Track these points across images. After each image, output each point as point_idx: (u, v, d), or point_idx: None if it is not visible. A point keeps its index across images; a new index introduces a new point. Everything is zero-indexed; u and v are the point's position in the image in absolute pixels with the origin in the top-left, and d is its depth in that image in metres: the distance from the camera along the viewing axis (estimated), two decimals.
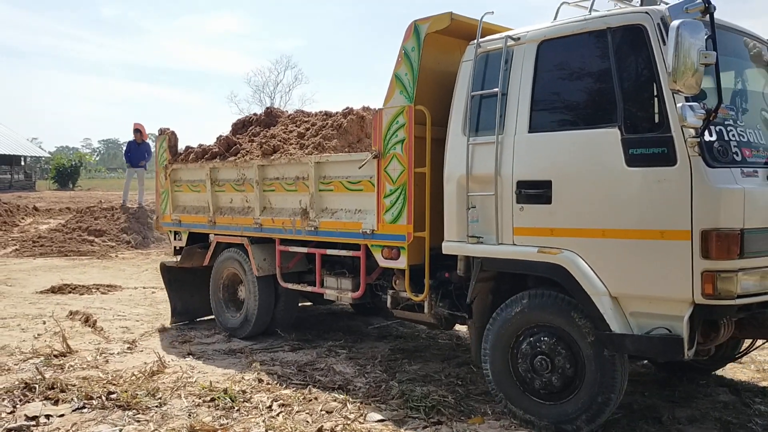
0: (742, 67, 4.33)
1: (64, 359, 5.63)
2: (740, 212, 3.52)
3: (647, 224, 3.69)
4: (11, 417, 4.26)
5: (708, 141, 3.56)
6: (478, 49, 4.54)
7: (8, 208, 18.18)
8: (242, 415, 4.34)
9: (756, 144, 3.82)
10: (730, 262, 3.49)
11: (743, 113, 4.04)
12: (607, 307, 3.79)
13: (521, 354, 4.21)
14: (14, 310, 7.89)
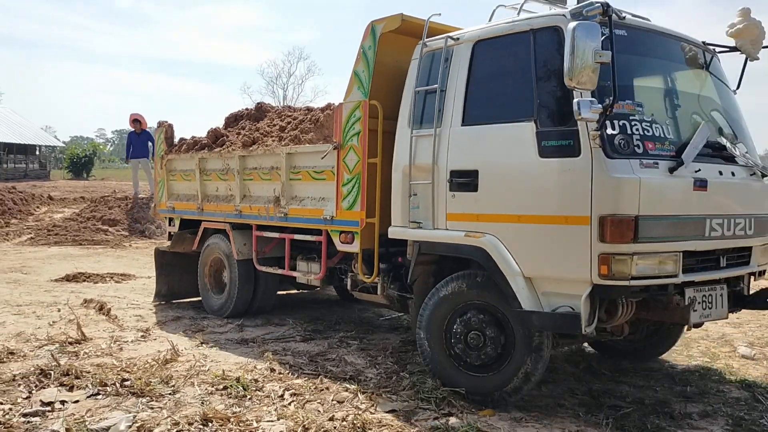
0: (668, 68, 4.66)
1: (78, 346, 5.69)
2: (635, 200, 3.80)
3: (555, 211, 4.02)
4: (27, 402, 4.31)
5: (610, 134, 3.85)
6: (424, 48, 4.90)
7: (23, 197, 18.35)
8: (254, 403, 4.38)
9: (662, 138, 4.08)
10: (624, 246, 3.79)
11: (659, 110, 4.32)
12: (520, 287, 4.14)
13: (455, 331, 4.53)
14: (30, 298, 7.98)
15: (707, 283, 4.30)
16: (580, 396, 4.68)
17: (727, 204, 4.31)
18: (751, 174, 4.53)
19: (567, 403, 4.53)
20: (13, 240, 14.07)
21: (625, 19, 4.26)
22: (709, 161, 4.24)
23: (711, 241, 4.19)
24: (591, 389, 4.81)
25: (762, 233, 4.61)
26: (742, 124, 4.90)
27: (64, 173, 44.10)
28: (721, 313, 4.38)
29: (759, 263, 4.68)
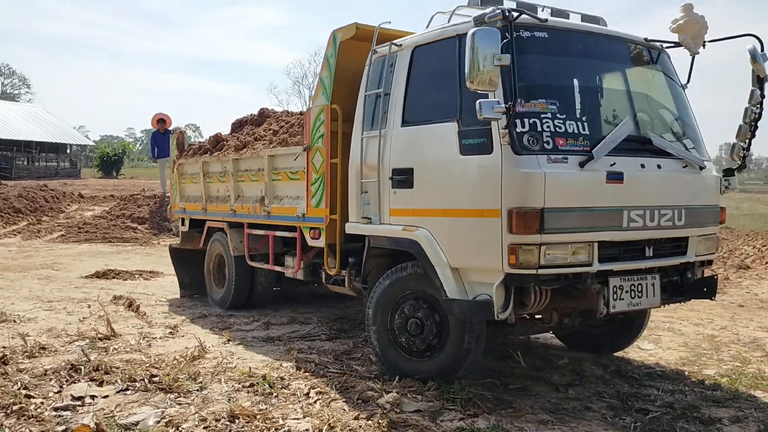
0: (594, 66, 4.91)
1: (108, 342, 5.78)
2: (540, 193, 4.01)
3: (473, 205, 4.29)
4: (58, 397, 4.39)
5: (519, 132, 4.07)
6: (374, 55, 5.19)
7: (55, 194, 18.69)
8: (280, 401, 4.40)
9: (576, 134, 4.25)
10: (531, 236, 4.02)
11: (576, 107, 4.51)
12: (446, 277, 4.42)
13: (398, 319, 4.86)
14: (60, 294, 8.13)
15: (637, 273, 4.47)
16: (608, 399, 4.62)
17: (649, 196, 4.44)
18: (684, 166, 4.66)
19: (594, 406, 4.48)
20: (44, 237, 14.33)
21: (547, 21, 4.47)
22: (633, 155, 4.41)
23: (631, 232, 4.36)
24: (619, 392, 4.75)
25: (700, 224, 4.77)
26: (688, 118, 5.08)
27: (94, 171, 44.77)
28: (652, 302, 4.57)
29: (698, 253, 4.82)
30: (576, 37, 4.76)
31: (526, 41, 4.29)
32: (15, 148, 41.21)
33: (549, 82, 4.59)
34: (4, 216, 16.00)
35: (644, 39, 5.08)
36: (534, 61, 4.44)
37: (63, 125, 49.11)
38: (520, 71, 4.12)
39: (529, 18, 4.32)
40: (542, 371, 5.16)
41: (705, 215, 4.84)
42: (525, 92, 4.15)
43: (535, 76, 4.44)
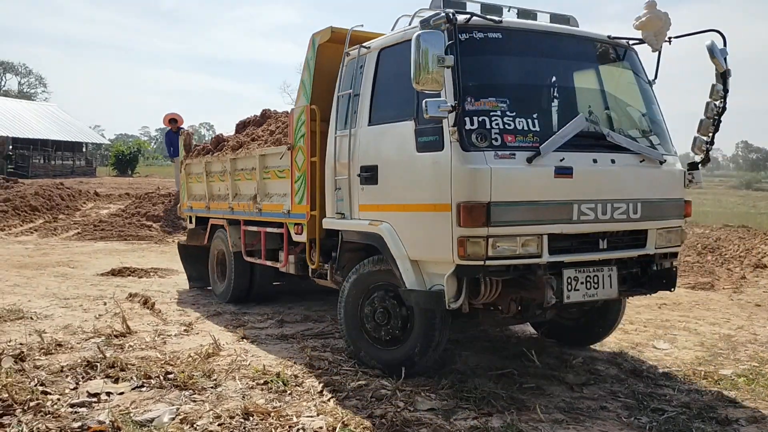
0: (551, 65, 5.05)
1: (123, 339, 5.82)
2: (487, 188, 4.17)
3: (428, 200, 4.48)
4: (74, 393, 4.42)
5: (468, 129, 4.24)
6: (346, 57, 5.41)
7: (71, 193, 18.84)
8: (294, 398, 4.41)
9: (525, 131, 4.40)
10: (478, 229, 4.19)
11: (528, 105, 4.62)
12: (406, 268, 4.62)
13: (367, 309, 5.06)
14: (77, 291, 8.19)
15: (593, 264, 4.62)
16: (623, 399, 4.60)
17: (601, 190, 4.56)
18: (641, 161, 4.76)
19: (610, 405, 4.45)
20: (60, 235, 14.46)
21: (502, 23, 4.62)
22: (586, 150, 4.55)
23: (582, 225, 4.50)
24: (634, 392, 4.72)
25: (659, 217, 4.89)
26: (653, 113, 5.20)
27: (110, 170, 45.12)
28: (609, 293, 4.68)
29: (659, 245, 4.91)
30: (530, 36, 4.90)
31: (477, 42, 4.48)
32: (31, 146, 41.60)
33: (500, 81, 4.76)
34: (21, 214, 16.16)
35: (608, 37, 5.19)
36: (485, 60, 4.64)
37: (79, 124, 49.51)
38: (471, 71, 4.37)
39: (480, 19, 4.51)
40: (557, 370, 5.13)
41: (665, 208, 4.94)
42: (475, 91, 4.35)
43: (485, 75, 4.65)
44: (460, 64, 4.21)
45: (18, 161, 39.76)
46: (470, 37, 4.47)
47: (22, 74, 76.26)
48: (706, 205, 25.24)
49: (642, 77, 5.26)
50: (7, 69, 75.12)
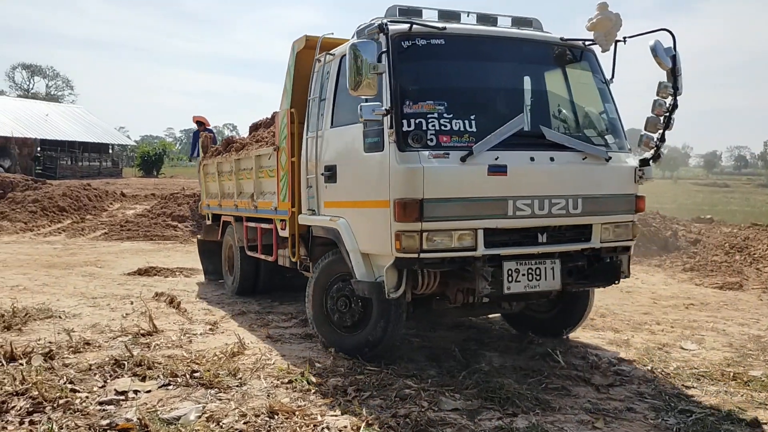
0: (493, 68, 5.27)
1: (150, 338, 5.88)
2: (420, 186, 4.44)
3: (373, 197, 4.78)
4: (102, 391, 4.48)
5: (405, 131, 4.54)
6: (317, 63, 5.74)
7: (98, 193, 19.11)
8: (318, 397, 4.42)
9: (462, 132, 4.66)
10: (412, 224, 4.48)
11: (467, 107, 4.83)
12: (357, 261, 4.95)
13: (330, 297, 5.43)
14: (104, 290, 8.31)
15: (535, 257, 4.83)
16: (650, 400, 4.54)
17: (538, 186, 4.77)
18: (584, 158, 4.93)
19: (636, 407, 4.40)
20: (88, 235, 14.67)
21: (445, 29, 4.89)
22: (524, 149, 4.76)
23: (518, 220, 4.73)
24: (662, 393, 4.66)
25: (605, 212, 5.05)
26: (606, 112, 5.38)
27: (136, 171, 45.66)
28: (551, 285, 4.89)
29: (605, 240, 5.09)
30: (472, 41, 5.11)
31: (419, 48, 4.79)
32: (59, 148, 42.26)
33: (439, 84, 5.02)
34: (50, 214, 16.42)
35: (560, 39, 5.38)
36: (425, 65, 4.95)
37: (105, 126, 50.19)
38: (411, 76, 4.74)
39: (421, 27, 4.81)
40: (582, 371, 5.08)
41: (612, 204, 5.09)
42: (414, 95, 4.67)
43: (425, 79, 4.95)
44: (400, 69, 4.64)
45: (46, 163, 40.42)
46: (412, 44, 4.78)
47: (49, 77, 77.61)
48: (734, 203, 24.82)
49: (598, 77, 5.42)
50: (35, 72, 76.50)
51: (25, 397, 4.25)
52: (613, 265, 5.24)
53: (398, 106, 4.57)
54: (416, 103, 4.65)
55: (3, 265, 10.25)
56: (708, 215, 16.35)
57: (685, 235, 12.71)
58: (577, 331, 6.39)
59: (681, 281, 9.96)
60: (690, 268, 10.67)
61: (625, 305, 7.93)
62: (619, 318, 7.19)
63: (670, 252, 11.96)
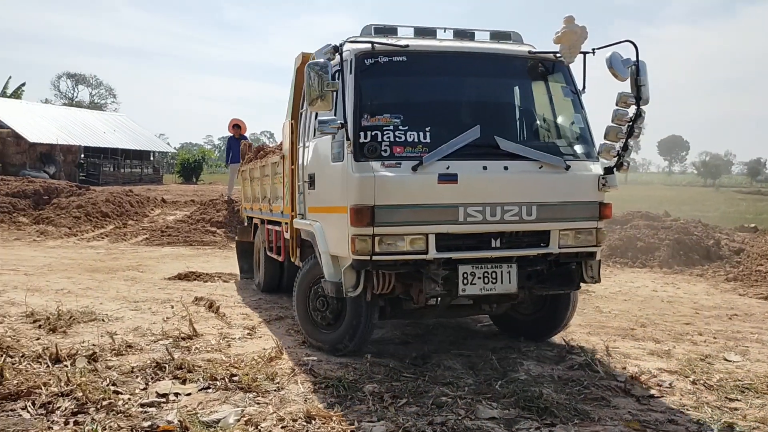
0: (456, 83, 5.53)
1: (190, 342, 5.97)
2: (371, 193, 4.77)
3: (337, 203, 5.12)
4: (144, 393, 4.58)
5: (361, 143, 4.88)
6: None
7: (139, 199, 19.49)
8: (355, 403, 4.44)
9: (415, 143, 4.96)
10: (365, 228, 4.80)
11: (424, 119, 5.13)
12: (326, 262, 5.27)
13: (311, 297, 5.78)
14: (145, 295, 8.46)
15: (492, 261, 5.08)
16: (692, 412, 4.44)
17: (489, 194, 5.00)
18: (540, 167, 5.11)
19: (678, 419, 4.31)
20: (130, 240, 14.97)
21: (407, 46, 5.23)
22: (478, 158, 5.00)
23: (469, 226, 4.98)
24: (705, 405, 4.56)
25: (562, 219, 5.22)
26: (575, 121, 5.56)
27: (176, 177, 46.39)
28: (507, 288, 5.13)
29: (564, 245, 5.25)
30: (435, 57, 5.43)
31: (380, 65, 5.15)
32: (102, 155, 43.24)
33: (397, 99, 5.34)
34: (93, 220, 16.80)
35: (528, 52, 5.58)
36: (385, 81, 5.28)
37: (146, 133, 51.18)
38: (370, 91, 5.10)
39: (383, 46, 5.16)
40: (622, 381, 5.00)
41: (571, 211, 5.25)
42: (372, 109, 5.01)
43: (384, 95, 5.29)
44: (361, 85, 5.03)
45: (89, 169, 41.39)
46: (375, 61, 5.13)
47: (93, 86, 79.44)
48: None
49: (568, 88, 5.57)
50: (79, 81, 78.41)
51: (70, 398, 4.36)
52: (576, 271, 5.44)
53: (356, 119, 4.93)
54: (373, 116, 4.98)
55: (48, 269, 10.53)
56: (752, 224, 15.97)
57: (728, 244, 12.42)
58: (617, 342, 6.31)
59: (724, 291, 9.73)
60: (733, 278, 10.42)
61: (666, 315, 7.78)
62: (659, 328, 7.06)
63: (712, 261, 11.70)
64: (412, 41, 5.40)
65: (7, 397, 4.36)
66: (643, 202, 20.99)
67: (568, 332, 6.62)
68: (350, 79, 5.11)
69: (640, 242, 12.25)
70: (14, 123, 37.19)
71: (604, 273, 10.85)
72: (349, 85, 5.09)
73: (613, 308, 8.15)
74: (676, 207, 24.50)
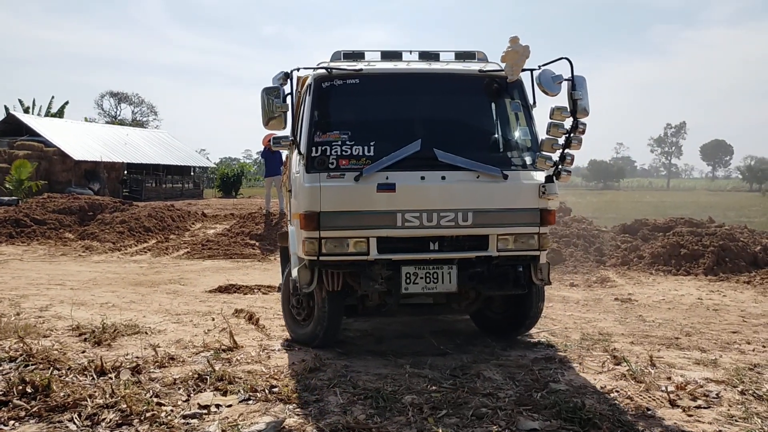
0: (402, 101, 6.06)
1: (231, 353, 6.04)
2: (317, 201, 5.38)
3: (297, 210, 5.71)
4: (186, 405, 4.64)
5: (312, 156, 5.52)
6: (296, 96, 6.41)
7: (180, 214, 19.81)
8: (394, 414, 4.43)
9: (360, 156, 5.53)
10: (312, 232, 5.43)
11: (369, 135, 5.65)
12: (294, 262, 5.95)
13: (292, 294, 6.32)
14: (187, 307, 8.59)
15: (433, 263, 5.56)
16: (742, 423, 4.31)
17: (426, 201, 5.45)
18: (477, 177, 5.51)
19: (727, 430, 4.20)
20: (171, 254, 15.21)
21: (361, 70, 5.81)
22: (417, 169, 5.45)
23: (407, 230, 5.46)
24: (754, 415, 4.42)
25: (500, 224, 5.61)
26: (521, 134, 5.95)
27: (215, 192, 47.04)
28: (448, 287, 5.60)
29: (501, 249, 5.64)
30: (384, 78, 5.96)
31: (336, 87, 5.78)
32: (144, 171, 44.17)
33: (346, 117, 5.87)
34: (136, 234, 17.14)
35: (479, 70, 5.99)
36: (338, 101, 5.85)
37: (187, 149, 52.06)
38: (324, 110, 5.74)
39: (338, 70, 5.79)
40: (667, 392, 4.89)
41: (510, 217, 5.62)
42: (324, 126, 5.64)
43: (335, 113, 5.83)
44: (317, 105, 5.68)
45: (132, 185, 42.29)
46: (330, 84, 5.77)
47: (135, 103, 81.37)
48: None
49: (518, 102, 5.95)
50: (121, 99, 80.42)
51: (115, 409, 4.44)
52: (524, 273, 5.79)
53: (310, 135, 5.56)
54: (324, 133, 5.60)
55: (93, 284, 10.77)
56: None
57: None
58: (662, 351, 6.18)
59: None
60: None
61: (712, 324, 7.59)
62: (705, 337, 6.88)
63: (759, 268, 11.37)
64: (368, 65, 5.98)
65: (54, 409, 4.47)
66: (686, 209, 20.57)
67: (610, 341, 6.50)
68: (308, 99, 5.78)
69: (684, 249, 11.97)
70: (60, 142, 38.24)
71: (646, 281, 10.69)
72: (308, 106, 5.75)
73: (657, 317, 7.98)
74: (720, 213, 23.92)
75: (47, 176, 35.26)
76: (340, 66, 5.91)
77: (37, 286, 10.30)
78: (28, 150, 35.88)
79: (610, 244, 13.12)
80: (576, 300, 9.13)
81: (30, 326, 7.03)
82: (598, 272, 11.46)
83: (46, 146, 37.30)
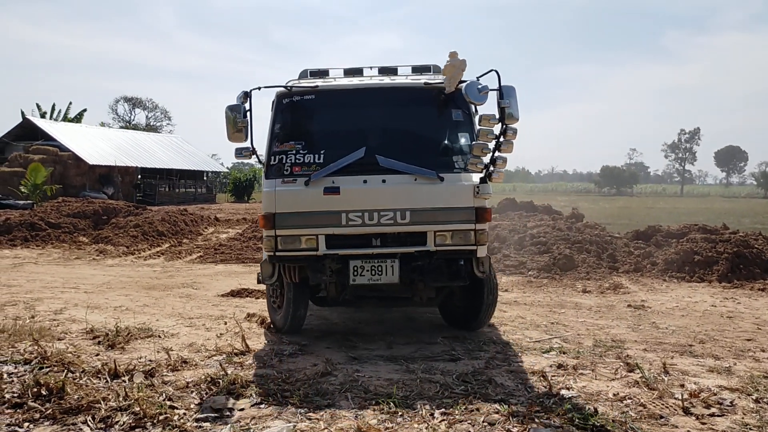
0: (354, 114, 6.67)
1: (243, 357, 6.07)
2: (273, 203, 6.11)
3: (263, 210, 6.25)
4: (199, 408, 4.66)
5: (271, 164, 6.26)
6: None
7: (193, 218, 19.93)
8: (405, 420, 4.43)
9: (311, 164, 6.23)
10: (269, 231, 6.14)
11: (320, 145, 6.37)
12: (263, 257, 6.42)
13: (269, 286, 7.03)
14: (200, 311, 8.63)
15: (378, 257, 6.17)
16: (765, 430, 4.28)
17: (367, 202, 6.07)
18: (415, 179, 6.10)
19: None
20: (185, 258, 15.29)
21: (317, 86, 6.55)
22: (361, 174, 6.10)
23: (351, 228, 6.10)
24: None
25: (435, 222, 6.16)
26: (459, 140, 6.53)
27: (228, 196, 47.30)
28: (391, 279, 6.19)
29: (438, 244, 6.20)
30: (338, 93, 6.61)
31: (294, 102, 6.47)
32: (158, 176, 44.46)
33: (301, 129, 6.55)
34: (149, 239, 17.25)
35: (424, 83, 6.56)
36: (296, 115, 6.50)
37: (200, 154, 52.39)
38: (282, 123, 6.44)
39: (297, 87, 6.51)
40: (681, 399, 4.85)
41: (446, 215, 6.15)
42: (282, 137, 6.36)
43: (292, 126, 6.48)
44: (277, 119, 6.41)
45: (146, 189, 42.60)
46: (290, 100, 6.47)
47: (149, 108, 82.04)
48: None
49: (460, 111, 6.46)
50: (135, 104, 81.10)
51: (128, 412, 4.47)
52: (465, 267, 6.34)
53: (270, 146, 6.29)
54: (282, 143, 6.31)
55: (107, 287, 10.84)
56: None
57: None
58: (675, 358, 6.14)
59: None
60: None
61: (726, 331, 7.53)
62: (719, 344, 6.83)
63: None
64: (326, 82, 6.72)
65: (68, 412, 4.51)
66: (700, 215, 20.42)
67: (623, 348, 6.47)
68: (271, 114, 6.49)
69: (698, 256, 11.89)
70: (74, 146, 38.60)
71: (660, 288, 10.62)
72: (270, 119, 6.46)
73: (671, 324, 7.93)
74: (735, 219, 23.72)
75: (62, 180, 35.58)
76: (300, 84, 6.65)
77: (52, 289, 10.39)
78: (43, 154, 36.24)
79: (623, 251, 13.05)
80: (589, 306, 9.09)
81: (45, 329, 7.10)
82: (611, 278, 11.40)
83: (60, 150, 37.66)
